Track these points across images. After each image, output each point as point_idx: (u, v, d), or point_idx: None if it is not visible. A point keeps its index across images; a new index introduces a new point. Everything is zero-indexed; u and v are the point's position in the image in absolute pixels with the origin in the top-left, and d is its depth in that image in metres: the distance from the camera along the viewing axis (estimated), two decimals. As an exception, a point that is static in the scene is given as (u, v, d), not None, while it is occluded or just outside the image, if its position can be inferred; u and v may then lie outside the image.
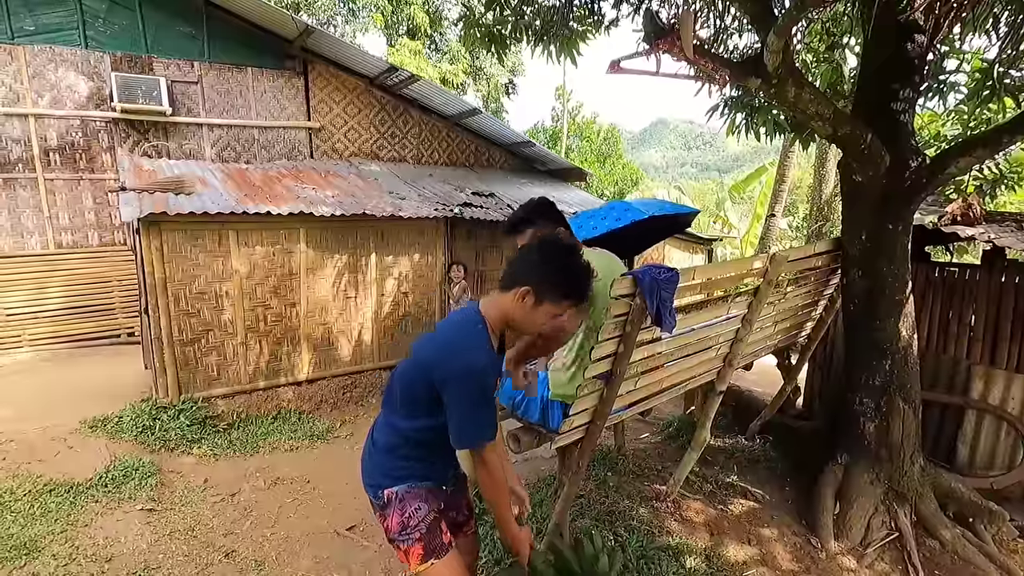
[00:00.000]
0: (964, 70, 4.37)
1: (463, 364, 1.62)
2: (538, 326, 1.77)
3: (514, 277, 1.73)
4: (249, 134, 7.10)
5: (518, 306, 1.71)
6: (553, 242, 1.77)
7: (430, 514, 1.81)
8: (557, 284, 1.68)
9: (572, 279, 1.71)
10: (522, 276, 1.71)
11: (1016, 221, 4.19)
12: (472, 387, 1.63)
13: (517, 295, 1.70)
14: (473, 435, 1.67)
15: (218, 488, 3.88)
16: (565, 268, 1.70)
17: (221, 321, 4.97)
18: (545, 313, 1.71)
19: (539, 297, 1.68)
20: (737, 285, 2.99)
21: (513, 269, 1.76)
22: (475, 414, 1.65)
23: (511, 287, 1.72)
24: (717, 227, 16.71)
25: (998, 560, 3.17)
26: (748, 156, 55.01)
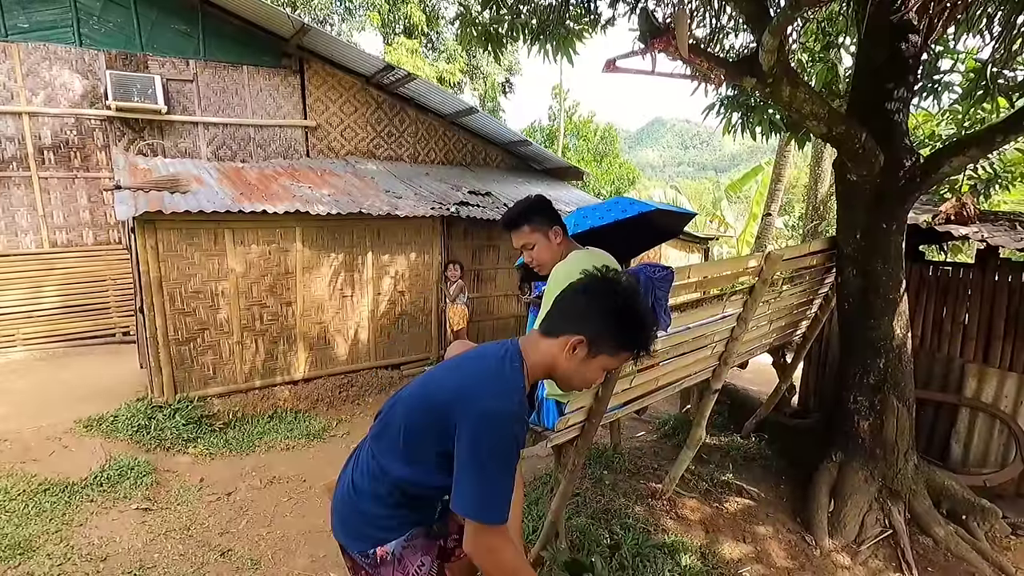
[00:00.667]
0: (958, 70, 4.39)
1: (490, 409, 1.32)
2: (588, 382, 1.50)
3: (563, 322, 1.45)
4: (245, 133, 7.08)
5: (567, 358, 1.43)
6: (611, 284, 1.46)
7: (434, 566, 1.59)
8: (616, 334, 1.42)
9: (635, 328, 1.42)
10: (573, 322, 1.43)
11: (1009, 220, 4.21)
12: (495, 440, 1.31)
13: (568, 345, 1.41)
14: (481, 504, 1.31)
15: (214, 487, 3.87)
16: (627, 315, 1.42)
17: (217, 320, 4.96)
18: (598, 367, 1.46)
19: (594, 349, 1.42)
20: (733, 284, 3.00)
21: (562, 311, 1.48)
22: (491, 476, 1.31)
23: (558, 333, 1.44)
24: (713, 226, 16.75)
25: (991, 557, 3.19)
26: (744, 155, 55.13)
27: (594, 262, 2.37)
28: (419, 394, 1.48)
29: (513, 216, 2.41)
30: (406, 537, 1.53)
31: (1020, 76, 3.92)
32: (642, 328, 1.43)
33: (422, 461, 1.42)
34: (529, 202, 2.42)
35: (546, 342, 1.46)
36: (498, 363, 1.42)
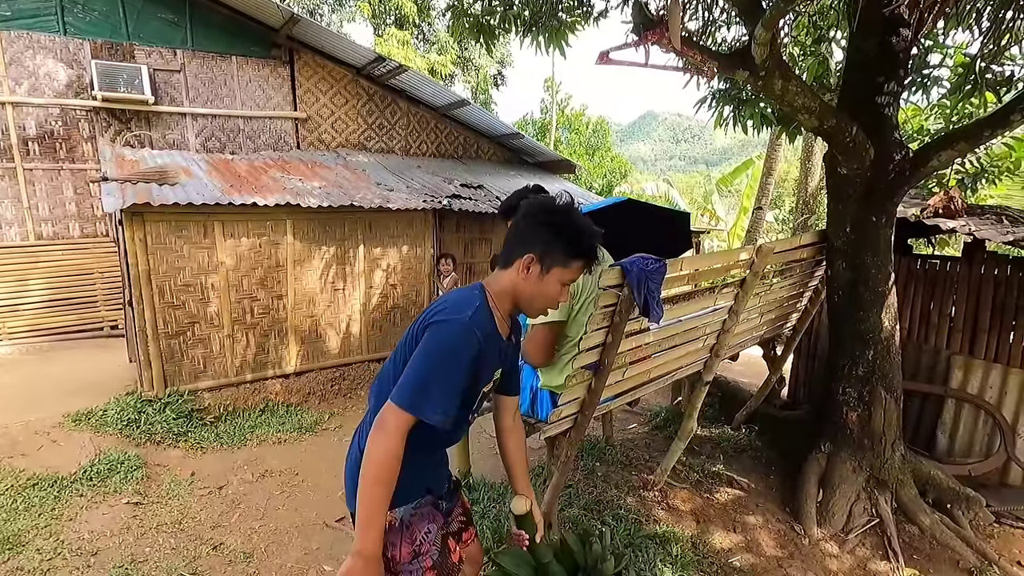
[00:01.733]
0: (947, 64, 4.43)
1: (446, 319, 1.43)
2: (552, 299, 1.56)
3: (513, 249, 1.55)
4: (234, 124, 7.00)
5: (524, 279, 1.53)
6: (544, 203, 1.58)
7: (439, 534, 1.64)
8: (562, 245, 1.50)
9: (576, 235, 1.50)
10: (521, 246, 1.53)
11: (996, 214, 4.27)
12: (438, 342, 1.40)
13: (520, 267, 1.52)
14: (406, 390, 1.37)
15: (205, 481, 3.86)
16: (566, 226, 1.51)
17: (207, 313, 4.92)
18: (555, 280, 1.53)
19: (546, 264, 1.51)
20: (724, 276, 3.02)
21: (510, 241, 1.58)
22: (425, 371, 1.38)
23: (511, 260, 1.55)
24: (705, 220, 16.82)
25: (975, 544, 3.25)
26: (735, 149, 55.35)
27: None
28: (405, 335, 1.59)
29: (511, 205, 2.45)
30: (414, 505, 1.59)
31: (1008, 71, 3.96)
32: (582, 234, 1.51)
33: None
34: (525, 191, 2.47)
35: (504, 272, 1.57)
36: (464, 295, 1.54)
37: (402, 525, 1.55)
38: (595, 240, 1.54)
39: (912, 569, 3.07)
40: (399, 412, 1.37)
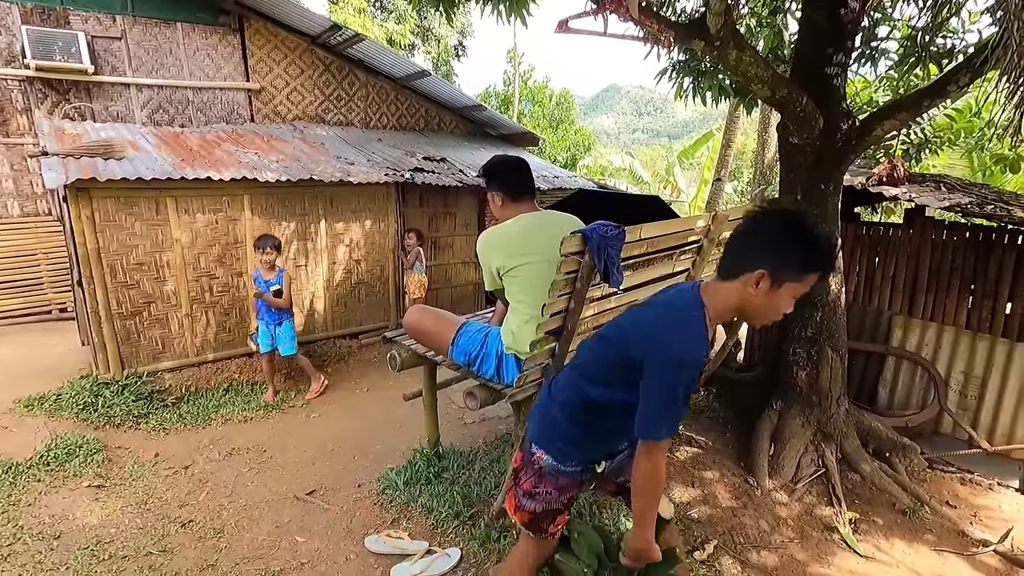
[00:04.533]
0: (894, 37, 4.59)
1: (671, 354, 1.47)
2: (780, 312, 1.54)
3: (738, 262, 1.51)
4: (183, 95, 6.69)
5: (753, 294, 1.48)
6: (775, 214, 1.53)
7: (556, 503, 1.81)
8: (798, 258, 1.45)
9: (815, 248, 1.45)
10: (750, 259, 1.48)
11: (935, 182, 4.50)
12: (672, 379, 1.47)
13: (749, 282, 1.47)
14: (654, 427, 1.51)
15: (170, 461, 3.81)
16: (803, 239, 1.45)
17: (163, 292, 4.78)
18: (787, 295, 1.49)
19: (778, 279, 1.46)
20: (682, 243, 3.11)
21: (734, 253, 1.54)
22: (665, 407, 1.48)
23: (737, 274, 1.50)
24: (667, 192, 17.07)
25: (909, 488, 3.52)
26: (697, 122, 55.96)
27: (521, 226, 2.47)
28: (613, 330, 1.70)
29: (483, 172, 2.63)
30: (563, 464, 1.77)
31: (949, 44, 4.14)
32: (818, 246, 1.45)
33: (603, 377, 1.66)
34: (488, 162, 2.59)
35: (726, 285, 1.53)
36: (684, 312, 1.54)
37: (540, 469, 1.79)
38: (833, 251, 1.52)
39: (853, 512, 3.31)
40: (657, 445, 1.53)
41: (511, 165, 2.59)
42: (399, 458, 3.71)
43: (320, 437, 4.19)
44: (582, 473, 1.83)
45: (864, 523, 3.27)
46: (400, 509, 3.20)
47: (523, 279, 2.44)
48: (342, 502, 3.34)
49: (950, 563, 3.00)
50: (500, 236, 2.50)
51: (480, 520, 2.99)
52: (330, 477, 3.62)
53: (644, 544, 1.66)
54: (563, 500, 1.83)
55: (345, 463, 3.81)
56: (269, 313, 4.66)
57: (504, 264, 2.45)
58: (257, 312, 4.73)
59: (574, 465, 1.79)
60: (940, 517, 3.35)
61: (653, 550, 1.67)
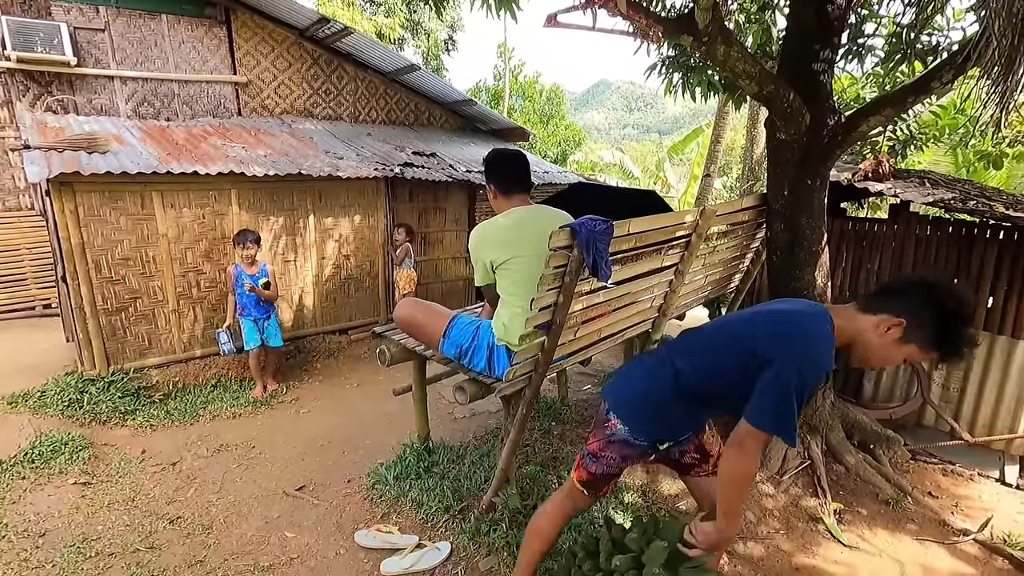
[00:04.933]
0: (881, 34, 4.63)
1: (807, 355, 1.54)
2: (887, 363, 1.63)
3: (887, 302, 1.58)
4: (168, 88, 6.60)
5: (878, 334, 1.57)
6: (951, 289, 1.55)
7: (615, 468, 1.96)
8: (937, 332, 1.53)
9: (958, 335, 1.52)
10: (896, 307, 1.56)
11: (919, 177, 4.56)
12: (799, 381, 1.52)
13: (882, 324, 1.56)
14: (763, 416, 1.55)
15: (157, 458, 3.78)
16: (954, 321, 1.51)
17: (149, 288, 4.73)
18: (904, 353, 1.58)
19: (907, 336, 1.54)
20: (670, 238, 3.14)
21: (890, 291, 1.61)
22: (783, 405, 1.53)
23: (878, 311, 1.58)
24: (657, 188, 17.15)
25: (893, 479, 3.58)
26: (687, 118, 56.11)
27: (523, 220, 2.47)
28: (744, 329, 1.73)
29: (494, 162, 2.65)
30: (633, 437, 1.88)
31: (934, 41, 4.19)
32: (962, 335, 1.52)
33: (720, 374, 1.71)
34: (487, 155, 2.63)
35: (862, 317, 1.61)
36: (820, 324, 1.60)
37: (611, 435, 1.91)
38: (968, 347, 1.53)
39: (838, 503, 3.36)
40: (759, 435, 1.57)
41: (505, 158, 2.62)
42: (389, 453, 3.71)
43: (309, 433, 4.17)
44: (647, 449, 1.94)
45: (848, 513, 3.32)
46: (390, 504, 3.20)
47: (515, 272, 2.46)
48: (332, 497, 3.33)
49: (932, 552, 3.06)
50: (493, 229, 2.52)
51: (470, 514, 3.00)
52: (319, 473, 3.62)
53: (723, 537, 1.71)
54: (622, 467, 1.98)
55: (335, 458, 3.80)
56: (258, 308, 4.66)
57: (497, 257, 2.46)
58: (242, 309, 4.69)
59: (643, 441, 1.90)
60: (922, 507, 3.41)
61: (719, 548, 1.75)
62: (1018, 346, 3.84)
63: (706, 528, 1.73)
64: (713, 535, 1.71)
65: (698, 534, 1.74)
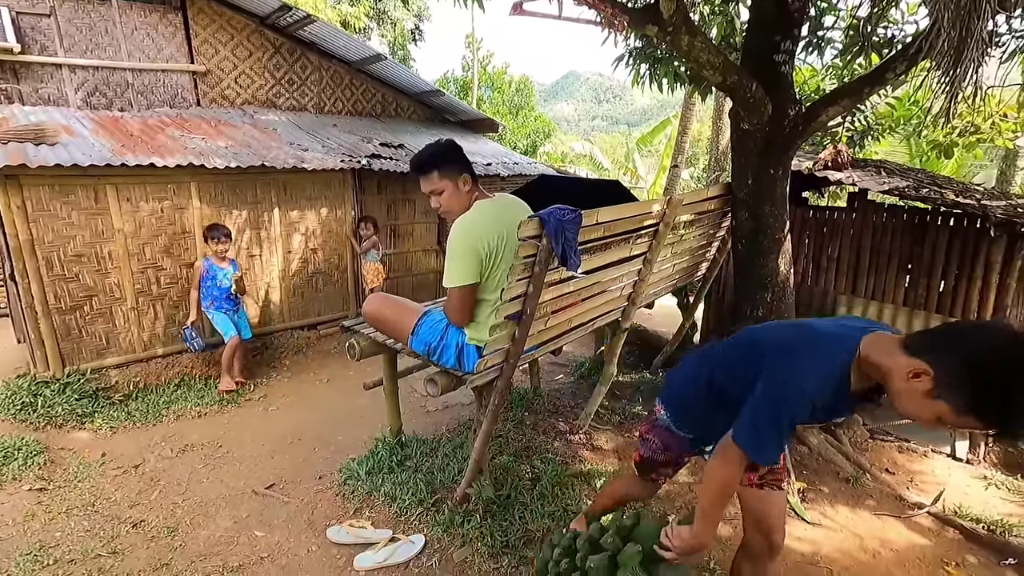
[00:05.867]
0: (839, 27, 4.75)
1: (792, 374, 1.45)
2: (921, 418, 1.34)
3: (928, 344, 1.33)
4: (121, 78, 6.32)
5: (903, 380, 1.33)
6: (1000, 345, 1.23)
7: (659, 455, 2.06)
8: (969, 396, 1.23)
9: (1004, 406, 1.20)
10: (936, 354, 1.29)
11: (876, 167, 4.72)
12: (779, 397, 1.45)
13: (911, 369, 1.31)
14: (744, 432, 1.52)
15: (118, 461, 3.66)
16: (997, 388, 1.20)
17: (106, 285, 4.55)
18: (933, 412, 1.30)
19: (936, 393, 1.28)
20: (638, 227, 3.17)
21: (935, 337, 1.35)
22: (764, 421, 1.48)
23: (915, 354, 1.33)
24: (627, 179, 17.30)
25: (852, 458, 3.72)
26: (655, 110, 56.70)
27: (501, 210, 2.45)
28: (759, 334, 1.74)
29: (424, 160, 2.42)
30: (675, 426, 1.99)
31: (890, 33, 4.32)
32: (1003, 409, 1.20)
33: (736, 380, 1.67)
34: (439, 147, 2.44)
35: (899, 355, 1.37)
36: (827, 348, 1.48)
37: (656, 420, 2.06)
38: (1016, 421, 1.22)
39: (801, 483, 3.47)
40: (739, 451, 1.54)
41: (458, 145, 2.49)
42: (361, 448, 3.67)
43: (279, 430, 4.10)
44: (691, 443, 2.01)
45: (811, 492, 3.44)
46: (363, 499, 3.17)
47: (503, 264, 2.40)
48: (303, 494, 3.29)
49: (889, 525, 3.19)
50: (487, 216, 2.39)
51: (444, 506, 3.00)
52: (290, 470, 3.56)
53: (698, 542, 1.67)
54: (666, 455, 2.06)
55: (305, 455, 3.75)
56: (229, 301, 4.66)
57: (495, 249, 2.37)
58: (212, 302, 4.60)
59: (685, 432, 1.98)
60: (880, 483, 3.55)
61: (693, 552, 1.69)
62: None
63: (682, 532, 1.70)
64: (688, 539, 1.68)
65: (674, 538, 1.71)
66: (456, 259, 2.34)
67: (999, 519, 3.19)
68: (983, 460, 4.00)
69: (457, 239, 2.34)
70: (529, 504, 3.01)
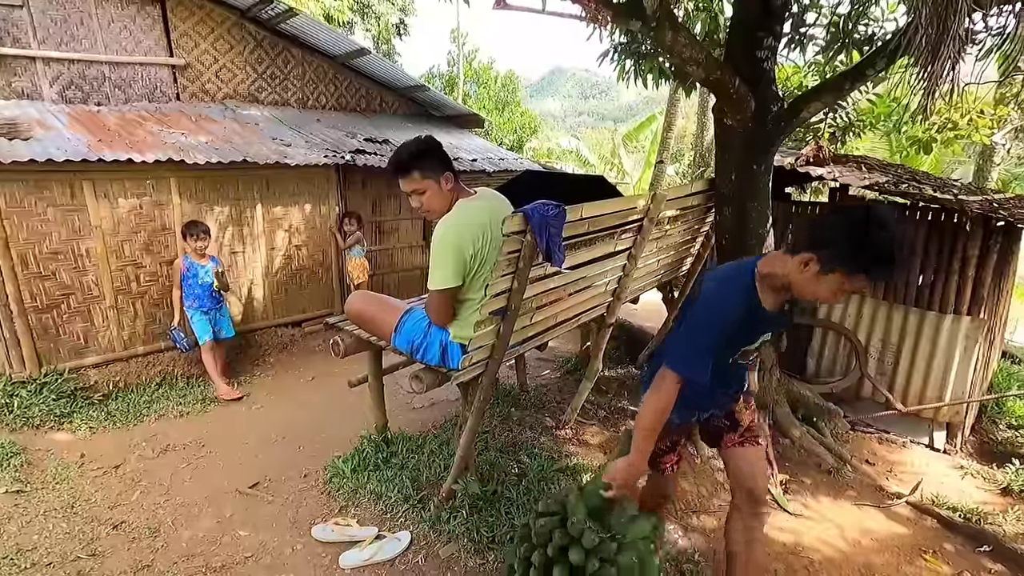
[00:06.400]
0: (821, 24, 4.80)
1: (708, 290, 1.79)
2: (822, 298, 1.71)
3: (804, 241, 1.67)
4: (98, 71, 6.18)
5: (799, 271, 1.65)
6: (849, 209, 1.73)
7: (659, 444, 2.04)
8: (851, 251, 1.54)
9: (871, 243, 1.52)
10: (811, 244, 1.63)
11: (857, 162, 4.78)
12: (698, 319, 1.76)
13: (799, 261, 1.63)
14: (675, 357, 1.77)
15: (99, 462, 3.59)
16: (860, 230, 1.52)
17: (84, 283, 4.46)
18: (832, 283, 1.61)
19: (826, 267, 1.58)
20: (623, 222, 3.18)
21: (806, 234, 1.70)
22: (687, 343, 1.78)
23: (798, 251, 1.66)
24: (613, 175, 17.36)
25: (834, 449, 3.78)
26: (641, 106, 56.78)
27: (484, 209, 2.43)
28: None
29: (403, 160, 2.31)
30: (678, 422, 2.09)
31: (870, 31, 4.37)
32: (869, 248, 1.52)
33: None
34: (419, 145, 2.32)
35: (788, 259, 1.70)
36: (732, 279, 1.81)
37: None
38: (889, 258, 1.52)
39: (784, 474, 3.52)
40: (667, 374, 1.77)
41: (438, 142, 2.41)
42: (346, 446, 3.65)
43: (263, 429, 4.06)
44: (676, 426, 2.12)
45: (793, 483, 3.49)
46: (348, 496, 3.15)
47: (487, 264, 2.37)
48: (287, 493, 3.26)
49: (869, 515, 3.25)
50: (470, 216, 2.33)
51: (430, 502, 2.99)
52: (274, 469, 3.52)
53: (634, 469, 1.85)
54: (662, 443, 2.13)
55: (290, 454, 3.72)
56: (211, 299, 4.56)
57: (479, 250, 2.33)
58: (194, 301, 4.52)
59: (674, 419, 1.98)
60: (860, 474, 3.62)
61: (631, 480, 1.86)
62: (945, 320, 4.10)
63: (618, 464, 1.88)
64: (623, 469, 1.85)
65: (614, 474, 1.86)
66: (440, 263, 2.30)
67: (975, 507, 3.27)
68: (960, 450, 4.09)
69: (442, 243, 2.28)
70: (515, 499, 3.01)
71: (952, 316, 4.08)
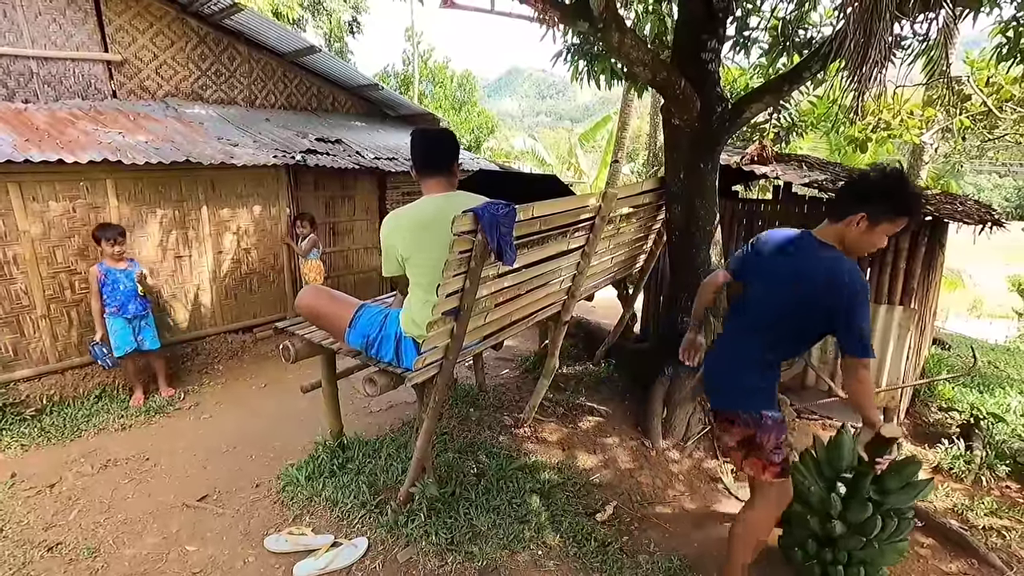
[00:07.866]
0: (764, 27, 4.98)
1: (862, 283, 1.94)
2: (874, 246, 2.02)
3: (844, 208, 2.01)
4: (24, 67, 5.81)
5: (852, 231, 1.99)
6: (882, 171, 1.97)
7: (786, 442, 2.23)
8: (893, 206, 1.92)
9: (906, 198, 1.93)
10: (853, 205, 1.98)
11: (799, 161, 4.98)
12: (864, 297, 1.93)
13: (851, 223, 1.98)
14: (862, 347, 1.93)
15: (31, 481, 3.38)
16: (896, 189, 1.92)
17: (12, 292, 4.19)
18: (881, 233, 1.97)
19: (874, 219, 1.94)
20: (575, 221, 3.21)
21: (841, 202, 2.04)
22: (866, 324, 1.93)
23: (843, 216, 2.00)
24: (570, 174, 17.54)
25: (781, 437, 3.93)
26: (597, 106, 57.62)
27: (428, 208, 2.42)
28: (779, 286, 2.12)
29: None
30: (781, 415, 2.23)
31: (809, 35, 4.57)
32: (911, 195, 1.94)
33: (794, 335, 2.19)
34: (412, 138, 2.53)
35: (834, 226, 2.06)
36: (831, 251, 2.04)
37: (776, 423, 2.19)
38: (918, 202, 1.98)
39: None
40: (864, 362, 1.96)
41: (422, 136, 2.54)
42: (301, 453, 3.56)
43: (212, 439, 3.91)
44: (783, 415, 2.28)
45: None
46: (302, 505, 3.08)
47: (422, 265, 2.40)
48: (238, 504, 3.15)
49: (813, 498, 3.39)
50: (405, 218, 2.44)
51: (387, 507, 2.95)
52: (224, 480, 3.40)
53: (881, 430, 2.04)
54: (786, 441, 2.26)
55: (241, 464, 3.59)
56: (136, 303, 4.31)
57: (405, 251, 2.40)
58: (117, 308, 4.26)
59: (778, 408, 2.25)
60: (806, 459, 3.77)
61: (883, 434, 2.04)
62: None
63: (864, 440, 2.10)
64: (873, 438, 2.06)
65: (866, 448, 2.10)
66: (382, 252, 2.51)
67: (909, 486, 3.45)
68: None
69: (382, 235, 2.47)
70: (474, 500, 3.01)
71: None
